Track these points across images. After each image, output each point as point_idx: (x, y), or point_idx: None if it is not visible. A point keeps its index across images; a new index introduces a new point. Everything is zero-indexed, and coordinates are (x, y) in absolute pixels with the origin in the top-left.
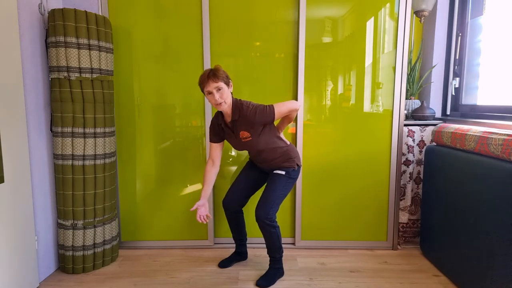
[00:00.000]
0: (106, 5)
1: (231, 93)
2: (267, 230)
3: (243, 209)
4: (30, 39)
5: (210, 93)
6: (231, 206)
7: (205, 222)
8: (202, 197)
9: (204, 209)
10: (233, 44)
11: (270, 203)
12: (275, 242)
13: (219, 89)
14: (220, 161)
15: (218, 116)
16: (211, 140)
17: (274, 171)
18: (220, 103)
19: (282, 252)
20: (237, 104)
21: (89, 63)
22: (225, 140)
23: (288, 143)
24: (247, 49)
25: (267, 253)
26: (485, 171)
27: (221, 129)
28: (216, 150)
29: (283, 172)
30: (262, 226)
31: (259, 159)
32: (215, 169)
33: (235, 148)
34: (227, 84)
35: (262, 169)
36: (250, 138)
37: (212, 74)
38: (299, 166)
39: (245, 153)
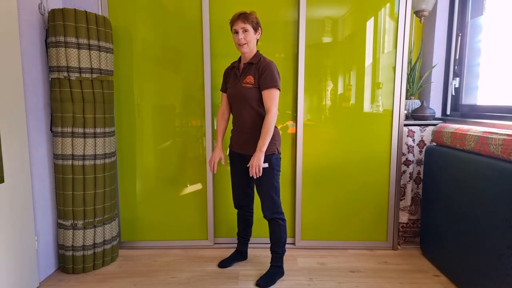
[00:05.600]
0: (106, 5)
1: (257, 40)
2: (276, 222)
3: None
4: (30, 39)
5: (236, 32)
6: (241, 206)
7: (214, 171)
8: (216, 145)
9: (218, 155)
10: (233, 44)
11: (270, 200)
12: (281, 234)
13: (245, 30)
14: (230, 113)
15: (236, 61)
16: (222, 89)
17: None
18: (243, 44)
19: (285, 250)
20: (260, 54)
21: (89, 63)
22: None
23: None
24: None
25: (270, 249)
26: (485, 171)
27: (230, 73)
28: (227, 101)
29: (266, 165)
30: (272, 222)
31: (241, 123)
32: (225, 120)
33: (229, 99)
34: (255, 29)
35: (240, 152)
36: (251, 86)
37: (243, 15)
38: (279, 152)
39: None
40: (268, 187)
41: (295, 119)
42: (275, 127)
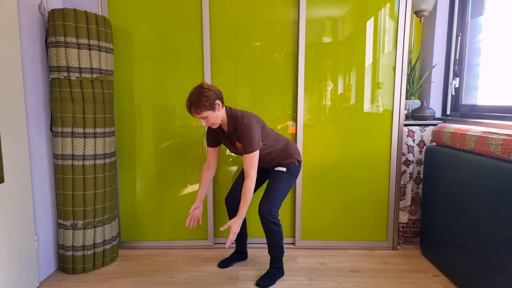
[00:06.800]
0: (106, 5)
1: (224, 105)
2: (270, 227)
3: None
4: (30, 39)
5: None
6: (233, 204)
7: (194, 227)
8: (197, 199)
9: (198, 211)
10: (233, 44)
11: (273, 200)
12: (278, 241)
13: (203, 118)
14: (217, 164)
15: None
16: (208, 144)
17: (275, 168)
18: (210, 126)
19: (283, 252)
20: (232, 117)
21: (89, 63)
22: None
23: (286, 140)
24: (247, 49)
25: (268, 252)
26: (485, 171)
27: (218, 136)
28: (213, 154)
29: (284, 169)
30: (265, 224)
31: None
32: (211, 171)
33: (232, 152)
34: (213, 108)
35: (262, 167)
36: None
37: (193, 108)
38: (299, 162)
39: None
40: (279, 186)
41: (295, 119)
42: (290, 141)
